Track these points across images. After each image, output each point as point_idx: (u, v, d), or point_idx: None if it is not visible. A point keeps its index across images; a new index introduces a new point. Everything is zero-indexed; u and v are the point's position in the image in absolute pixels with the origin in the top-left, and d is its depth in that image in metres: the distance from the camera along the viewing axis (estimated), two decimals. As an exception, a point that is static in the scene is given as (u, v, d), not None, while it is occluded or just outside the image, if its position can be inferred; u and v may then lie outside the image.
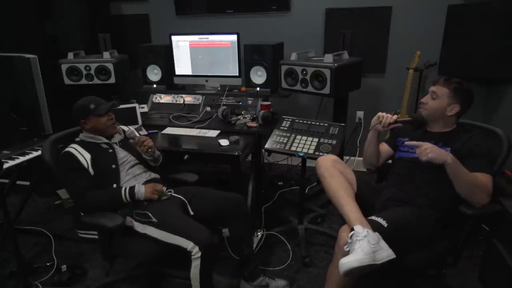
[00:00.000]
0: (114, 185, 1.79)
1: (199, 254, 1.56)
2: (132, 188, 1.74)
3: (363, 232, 1.38)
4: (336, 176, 1.64)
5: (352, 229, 1.41)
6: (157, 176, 1.98)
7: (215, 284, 2.02)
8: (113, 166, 1.82)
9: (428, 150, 1.47)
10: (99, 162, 1.77)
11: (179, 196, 1.86)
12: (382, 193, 1.75)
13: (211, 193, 1.94)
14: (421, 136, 1.78)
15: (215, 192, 1.96)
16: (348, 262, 1.33)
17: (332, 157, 1.75)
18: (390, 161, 1.96)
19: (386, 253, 1.37)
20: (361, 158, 1.98)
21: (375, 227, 1.44)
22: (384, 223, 1.47)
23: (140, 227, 1.69)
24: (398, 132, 1.87)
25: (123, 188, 1.73)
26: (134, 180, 1.86)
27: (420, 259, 1.56)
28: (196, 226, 1.64)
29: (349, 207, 1.51)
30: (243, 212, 1.92)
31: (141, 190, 1.74)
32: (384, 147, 1.94)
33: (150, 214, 1.69)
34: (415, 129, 1.83)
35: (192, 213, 1.82)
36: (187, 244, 1.57)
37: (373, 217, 1.51)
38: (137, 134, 2.00)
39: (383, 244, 1.38)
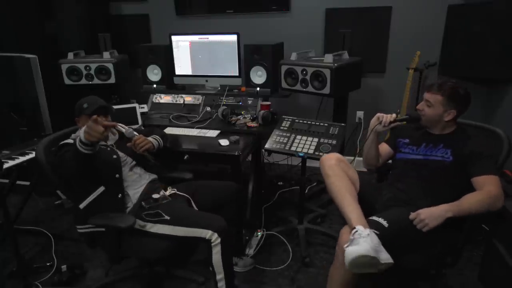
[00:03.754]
0: (117, 175, 1.77)
1: (218, 241, 1.61)
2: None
3: (366, 231, 1.39)
4: (340, 175, 1.63)
5: (354, 229, 1.42)
6: (155, 176, 1.98)
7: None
8: (114, 156, 1.81)
9: (426, 221, 1.48)
10: (100, 154, 1.69)
11: (182, 193, 1.89)
12: (382, 193, 1.75)
13: (209, 184, 2.02)
14: (421, 138, 1.79)
15: (212, 182, 2.03)
16: (355, 250, 1.32)
17: (336, 156, 1.73)
18: (390, 161, 1.96)
19: (386, 256, 1.37)
20: (361, 158, 1.98)
21: (376, 227, 1.44)
22: (385, 223, 1.48)
23: (151, 227, 1.69)
24: (398, 132, 1.87)
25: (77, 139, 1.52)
26: (139, 177, 1.88)
27: (419, 259, 1.56)
28: (210, 215, 1.71)
29: (351, 208, 1.51)
30: (240, 196, 2.04)
31: (80, 133, 1.50)
32: (385, 148, 1.94)
33: (162, 213, 1.70)
34: (416, 130, 1.83)
35: (196, 209, 1.86)
36: (206, 233, 1.61)
37: (374, 217, 1.51)
38: (136, 134, 1.97)
39: (383, 248, 1.39)
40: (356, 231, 1.40)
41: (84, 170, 1.63)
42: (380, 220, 1.49)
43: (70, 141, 1.72)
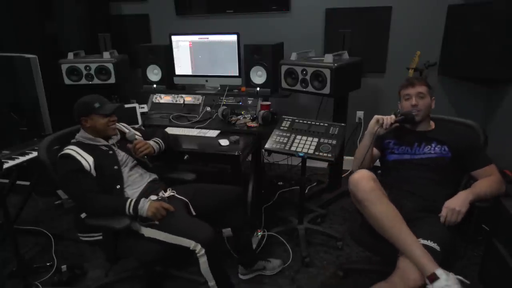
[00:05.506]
0: (118, 186, 1.78)
1: (203, 251, 1.58)
2: (136, 203, 1.67)
3: (451, 279, 1.27)
4: (385, 201, 1.48)
5: (434, 276, 1.28)
6: (155, 176, 1.98)
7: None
8: (115, 167, 1.81)
9: (457, 208, 1.48)
10: (102, 165, 1.75)
11: (181, 197, 1.87)
12: (403, 203, 1.62)
13: (211, 188, 1.97)
14: (409, 137, 1.80)
15: (214, 186, 1.98)
16: None
17: (370, 175, 1.54)
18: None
19: None
20: (349, 157, 1.95)
21: (431, 252, 1.36)
22: (435, 246, 1.40)
23: (143, 230, 1.69)
24: (384, 134, 1.82)
25: (129, 201, 1.68)
26: (140, 177, 1.88)
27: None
28: (197, 225, 1.66)
29: (416, 246, 1.37)
30: (241, 202, 2.01)
31: (144, 207, 1.66)
32: (374, 150, 1.90)
33: None
34: (398, 130, 1.83)
35: (194, 213, 1.83)
36: (190, 244, 1.59)
37: (422, 241, 1.41)
38: (137, 137, 1.97)
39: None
40: (439, 280, 1.26)
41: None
42: (429, 243, 1.40)
43: (72, 152, 1.70)
